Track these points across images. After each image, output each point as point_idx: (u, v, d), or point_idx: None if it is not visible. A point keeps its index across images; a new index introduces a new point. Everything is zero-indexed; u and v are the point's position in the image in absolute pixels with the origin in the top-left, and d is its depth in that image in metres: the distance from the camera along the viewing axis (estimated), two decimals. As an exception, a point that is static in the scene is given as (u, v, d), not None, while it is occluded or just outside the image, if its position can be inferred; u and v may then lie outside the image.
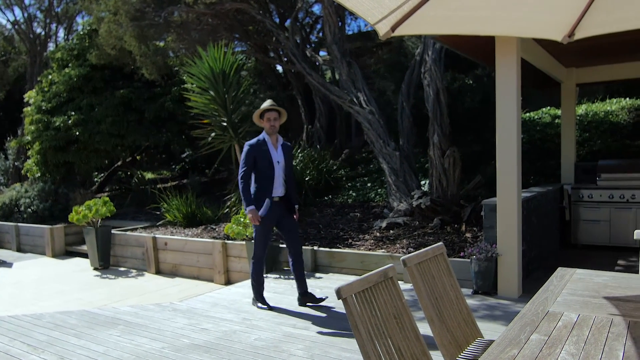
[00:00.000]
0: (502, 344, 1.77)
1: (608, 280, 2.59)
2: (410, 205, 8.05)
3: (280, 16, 12.42)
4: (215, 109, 8.64)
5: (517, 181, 5.33)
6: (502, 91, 5.30)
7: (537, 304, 2.22)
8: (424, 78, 8.28)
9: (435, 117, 8.05)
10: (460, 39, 5.67)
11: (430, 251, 2.79)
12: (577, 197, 7.60)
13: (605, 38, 5.90)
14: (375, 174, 11.10)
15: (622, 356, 1.63)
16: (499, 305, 5.14)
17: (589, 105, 11.29)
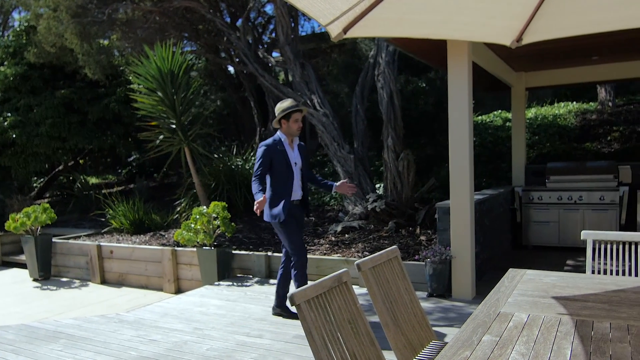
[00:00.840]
0: (455, 346, 1.82)
1: (556, 280, 2.70)
2: (366, 208, 8.14)
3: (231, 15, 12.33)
4: (164, 110, 8.50)
5: (469, 184, 5.47)
6: (454, 94, 5.43)
7: (489, 305, 2.29)
8: (377, 81, 8.40)
9: (389, 120, 8.17)
10: (413, 42, 5.80)
11: (384, 255, 2.83)
12: (528, 199, 7.86)
13: (553, 43, 6.17)
14: (330, 177, 11.17)
15: (570, 354, 1.71)
16: (453, 308, 5.25)
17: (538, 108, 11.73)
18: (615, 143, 9.62)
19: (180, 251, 7.58)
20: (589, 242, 3.21)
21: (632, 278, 2.73)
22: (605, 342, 1.81)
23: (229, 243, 7.74)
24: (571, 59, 7.51)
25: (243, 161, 10.40)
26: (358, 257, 6.58)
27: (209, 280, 6.91)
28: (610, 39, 6.22)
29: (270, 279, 6.87)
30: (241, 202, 9.57)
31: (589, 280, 2.68)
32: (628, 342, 1.81)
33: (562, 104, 11.78)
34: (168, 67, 8.33)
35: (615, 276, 2.80)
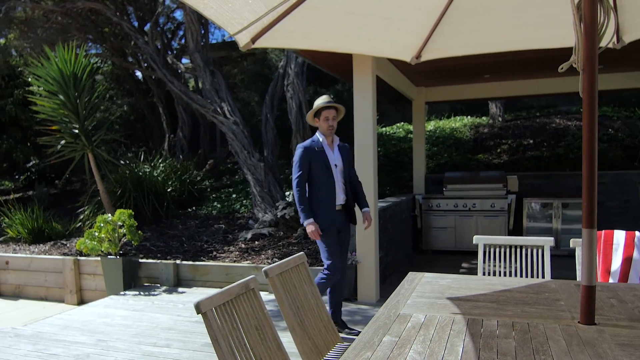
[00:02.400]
0: (357, 348, 1.86)
1: (451, 282, 2.84)
2: (275, 216, 8.13)
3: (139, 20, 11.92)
4: (66, 114, 8.04)
5: (374, 192, 5.62)
6: (360, 106, 5.58)
7: (390, 308, 2.36)
8: (287, 91, 8.45)
9: (298, 129, 8.24)
10: (320, 55, 5.89)
11: (291, 261, 2.84)
12: (427, 206, 8.21)
13: (449, 61, 6.49)
14: (240, 185, 11.06)
15: (462, 351, 1.80)
16: (358, 311, 5.36)
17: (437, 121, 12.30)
18: (504, 155, 10.29)
19: (84, 261, 7.18)
20: (480, 246, 3.40)
21: (517, 279, 2.92)
22: (493, 338, 1.92)
23: (136, 252, 7.43)
24: (466, 76, 7.95)
25: (151, 168, 10.05)
26: (268, 264, 6.55)
27: (114, 290, 6.60)
28: (500, 60, 6.65)
29: (179, 287, 6.68)
30: (149, 209, 9.23)
31: (479, 281, 2.83)
32: (513, 337, 1.93)
33: (458, 117, 12.44)
34: (71, 69, 7.89)
35: (503, 277, 2.99)
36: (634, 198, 8.34)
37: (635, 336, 1.92)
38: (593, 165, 2.02)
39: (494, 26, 2.94)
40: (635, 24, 2.79)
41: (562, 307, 2.31)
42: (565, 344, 1.84)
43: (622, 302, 2.38)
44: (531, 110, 12.33)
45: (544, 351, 1.78)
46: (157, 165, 10.24)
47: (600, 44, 2.12)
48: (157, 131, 13.42)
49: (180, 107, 12.09)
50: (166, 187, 9.79)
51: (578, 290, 2.49)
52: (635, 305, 2.32)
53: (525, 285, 2.72)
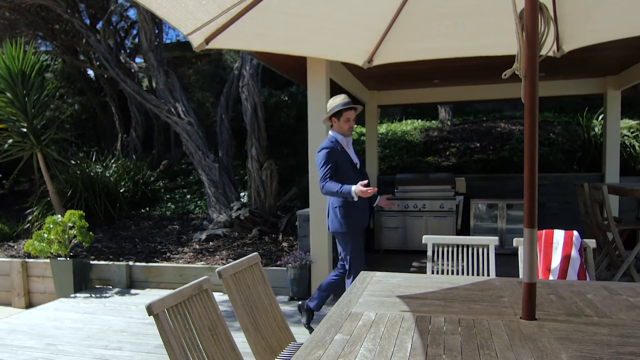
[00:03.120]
0: (310, 346, 1.86)
1: (401, 280, 2.88)
2: (230, 216, 8.05)
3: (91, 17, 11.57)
4: (13, 112, 7.71)
5: (327, 192, 5.65)
6: (314, 108, 5.60)
7: (342, 306, 2.38)
8: (242, 92, 8.38)
9: (253, 131, 8.18)
10: (275, 57, 5.88)
11: (245, 262, 2.82)
12: (379, 207, 8.30)
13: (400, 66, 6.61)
14: (195, 186, 10.89)
15: (410, 347, 1.83)
16: (312, 310, 5.37)
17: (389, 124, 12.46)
18: (453, 157, 10.52)
19: (32, 263, 6.90)
20: (429, 246, 3.47)
21: (464, 277, 2.98)
22: (440, 334, 1.96)
23: (87, 253, 7.21)
24: (416, 81, 8.10)
25: (103, 168, 9.77)
26: (222, 265, 6.48)
27: (64, 293, 6.38)
28: (448, 66, 6.81)
29: (132, 289, 6.52)
30: (101, 210, 8.97)
31: (428, 280, 2.88)
32: (459, 333, 1.97)
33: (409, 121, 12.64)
34: (19, 66, 7.58)
35: (451, 275, 3.05)
36: (572, 199, 8.69)
37: (572, 330, 1.99)
38: (534, 168, 2.09)
39: (442, 33, 3.01)
40: (574, 34, 2.90)
41: (505, 304, 2.38)
42: (508, 339, 1.90)
43: (560, 297, 2.47)
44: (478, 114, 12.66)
45: (487, 346, 1.83)
46: (110, 165, 9.97)
47: (540, 52, 2.20)
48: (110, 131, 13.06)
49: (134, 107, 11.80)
50: (119, 187, 9.53)
51: (520, 287, 2.57)
52: (572, 301, 2.41)
53: (471, 283, 2.79)
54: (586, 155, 9.77)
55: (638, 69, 7.11)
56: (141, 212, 9.81)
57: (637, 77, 7.20)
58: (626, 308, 2.29)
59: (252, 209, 7.88)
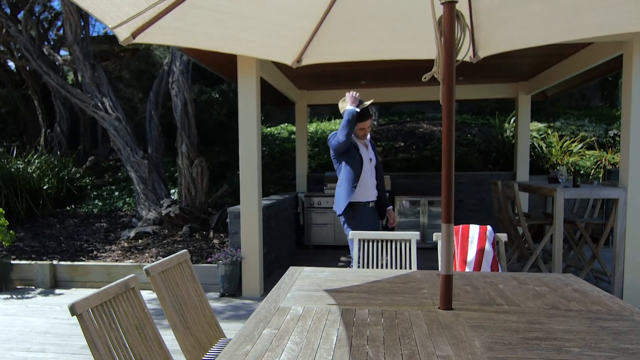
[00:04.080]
0: (238, 342, 1.84)
1: (328, 275, 2.91)
2: (160, 213, 7.83)
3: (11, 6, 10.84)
4: None
5: (258, 190, 5.61)
6: (244, 106, 5.54)
7: (270, 301, 2.37)
8: (172, 88, 8.16)
9: (183, 128, 7.99)
10: (205, 54, 5.76)
11: (174, 259, 2.75)
12: (309, 204, 8.35)
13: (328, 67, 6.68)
14: (123, 183, 10.49)
15: (336, 339, 1.85)
16: (243, 306, 5.32)
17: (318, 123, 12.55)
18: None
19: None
20: (355, 241, 3.52)
21: (387, 270, 3.06)
22: (364, 326, 2.00)
23: (7, 252, 6.77)
24: (344, 81, 8.20)
25: (25, 164, 9.19)
26: (152, 262, 6.28)
27: (-21, 295, 5.96)
28: (375, 68, 6.95)
29: (56, 289, 6.18)
30: (22, 208, 8.45)
31: (354, 274, 2.93)
32: (382, 324, 2.02)
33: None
34: None
35: (375, 269, 3.12)
36: (487, 196, 9.12)
37: (485, 318, 2.09)
38: (450, 167, 2.17)
39: (368, 36, 3.06)
40: (488, 42, 3.03)
41: (425, 295, 2.46)
42: (427, 328, 1.97)
43: (475, 288, 2.59)
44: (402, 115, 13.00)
45: (408, 335, 1.88)
46: (32, 161, 9.40)
47: (457, 57, 2.28)
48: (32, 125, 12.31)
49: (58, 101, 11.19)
50: (42, 184, 9.01)
51: (439, 279, 2.66)
52: (485, 291, 2.53)
53: (394, 276, 2.86)
54: (500, 155, 10.28)
55: (546, 76, 7.56)
56: (66, 210, 9.33)
57: (545, 83, 7.65)
58: (533, 297, 2.43)
59: (182, 206, 7.69)
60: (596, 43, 5.74)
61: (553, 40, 2.86)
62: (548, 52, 6.29)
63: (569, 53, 6.40)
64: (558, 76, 7.08)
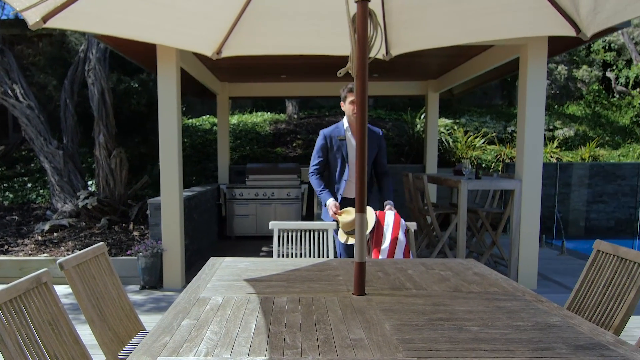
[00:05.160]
0: (156, 333, 1.79)
1: (249, 265, 2.89)
2: (76, 206, 7.41)
3: None
4: None
5: (179, 181, 5.46)
6: (164, 97, 5.35)
7: (190, 292, 2.32)
8: (88, 76, 7.72)
9: (100, 117, 7.59)
10: (123, 42, 5.49)
11: (90, 252, 2.62)
12: (231, 195, 8.25)
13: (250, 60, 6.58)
14: (37, 174, 9.83)
15: (254, 327, 1.85)
16: (164, 298, 5.17)
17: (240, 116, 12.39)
18: (299, 149, 10.80)
19: None
20: (275, 231, 3.53)
21: (306, 259, 3.09)
22: (282, 313, 2.01)
23: None
24: (265, 75, 8.14)
25: None
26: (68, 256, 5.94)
27: None
28: (294, 62, 6.95)
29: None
30: None
31: (274, 263, 2.94)
32: (299, 311, 2.04)
33: (259, 113, 12.69)
34: None
35: (294, 258, 3.14)
36: (400, 187, 9.44)
37: (395, 302, 2.17)
38: (364, 159, 2.23)
39: (287, 30, 3.05)
40: (400, 41, 3.13)
41: (340, 282, 2.51)
42: (341, 313, 2.01)
43: (386, 274, 2.68)
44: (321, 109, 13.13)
45: (324, 321, 1.92)
46: None
47: (370, 54, 2.33)
48: None
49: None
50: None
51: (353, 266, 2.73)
52: (396, 277, 2.62)
53: (311, 265, 2.89)
54: (411, 149, 10.66)
55: (452, 75, 7.92)
56: (-28, 202, 8.61)
57: (451, 82, 8.02)
58: (438, 281, 2.55)
59: (100, 198, 7.32)
60: (496, 46, 6.08)
61: (457, 42, 3.00)
62: (454, 53, 6.58)
63: (472, 54, 6.74)
64: (463, 76, 7.44)
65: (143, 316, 4.44)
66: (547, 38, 5.27)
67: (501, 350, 1.62)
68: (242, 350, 1.62)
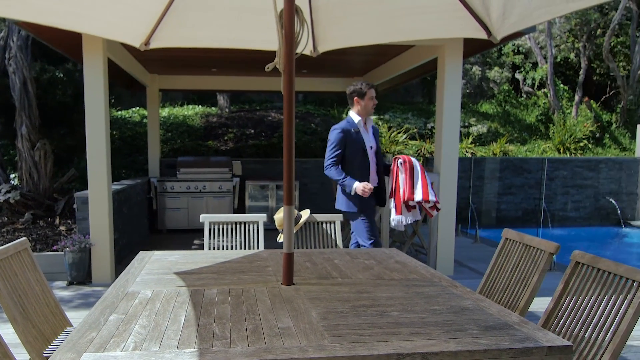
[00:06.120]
0: (82, 329, 1.71)
1: (179, 258, 2.83)
2: (-5, 200, 6.89)
3: None
4: None
5: (107, 174, 5.22)
6: (90, 88, 5.09)
7: (118, 287, 2.24)
8: (9, 65, 7.17)
9: (22, 108, 7.09)
10: (46, 29, 5.14)
11: (11, 248, 2.46)
12: (162, 189, 8.00)
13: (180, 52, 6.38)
14: (-52, 167, 9.02)
15: (184, 320, 1.81)
16: (93, 293, 4.95)
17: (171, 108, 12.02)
18: (230, 142, 10.65)
19: None
20: (206, 224, 3.47)
21: (237, 251, 3.06)
22: (212, 305, 1.99)
23: None
24: (196, 68, 7.94)
25: None
26: (-15, 252, 5.52)
27: None
28: (224, 56, 6.82)
29: None
30: None
31: (204, 255, 2.89)
32: (229, 302, 2.03)
33: (190, 106, 12.36)
34: None
35: (225, 250, 3.11)
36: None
37: (321, 291, 2.21)
38: (291, 153, 2.23)
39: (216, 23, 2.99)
40: (327, 38, 3.15)
41: (270, 272, 2.52)
42: (270, 303, 2.02)
43: (314, 264, 2.72)
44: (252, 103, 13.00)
45: (253, 311, 1.92)
46: None
47: (297, 50, 2.34)
48: None
49: None
50: None
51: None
52: (323, 266, 2.67)
53: (242, 256, 2.88)
54: (340, 142, 10.78)
55: (377, 73, 8.10)
56: None
57: (376, 80, 8.20)
58: (362, 269, 2.62)
59: (23, 192, 6.86)
60: (416, 46, 6.28)
61: (379, 41, 3.07)
62: (377, 52, 6.72)
63: (394, 54, 6.92)
64: (386, 74, 7.63)
65: (71, 313, 4.23)
66: (463, 40, 5.50)
67: (419, 333, 1.70)
68: (171, 343, 1.59)
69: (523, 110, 14.44)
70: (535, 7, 2.17)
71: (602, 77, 15.23)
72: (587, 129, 12.79)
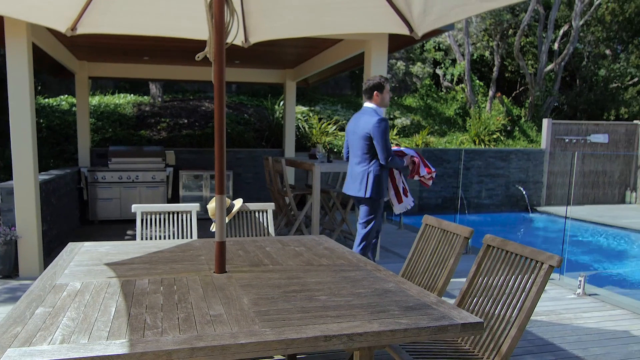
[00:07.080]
0: (7, 324, 1.61)
1: (110, 248, 2.72)
2: None
3: None
4: None
5: (33, 164, 4.89)
6: (14, 74, 4.73)
7: (46, 279, 2.12)
8: None
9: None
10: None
11: None
12: (93, 179, 7.62)
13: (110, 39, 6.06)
14: None
15: (114, 311, 1.75)
16: (21, 287, 4.64)
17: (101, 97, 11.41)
18: (164, 132, 10.29)
19: None
20: (138, 214, 3.35)
21: (169, 240, 2.99)
22: (144, 295, 1.94)
23: None
24: (127, 56, 7.59)
25: None
26: None
27: None
28: (156, 44, 6.56)
29: None
30: None
31: (137, 246, 2.80)
32: (161, 292, 1.98)
33: (122, 94, 11.78)
34: None
35: (158, 240, 3.02)
36: (261, 170, 9.52)
37: (253, 278, 2.21)
38: (222, 143, 2.20)
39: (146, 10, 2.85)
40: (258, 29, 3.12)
41: (202, 261, 2.48)
42: (202, 291, 2.00)
43: (246, 252, 2.71)
44: (186, 93, 12.61)
45: (185, 299, 1.89)
46: None
47: (227, 40, 2.29)
48: None
49: None
50: None
51: (216, 245, 2.71)
52: (255, 254, 2.66)
53: (175, 246, 2.81)
54: (272, 133, 10.76)
55: (308, 65, 8.11)
56: None
57: (306, 72, 8.22)
58: (293, 256, 2.65)
59: (-63, 183, 6.28)
60: (345, 40, 6.34)
61: (308, 34, 3.08)
62: (308, 44, 6.73)
63: (325, 47, 6.96)
64: (317, 66, 7.66)
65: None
66: (388, 36, 5.62)
67: (345, 316, 1.75)
68: (100, 335, 1.54)
69: (443, 104, 15.03)
70: (453, 6, 2.27)
71: (513, 74, 16.13)
72: (499, 122, 13.53)
